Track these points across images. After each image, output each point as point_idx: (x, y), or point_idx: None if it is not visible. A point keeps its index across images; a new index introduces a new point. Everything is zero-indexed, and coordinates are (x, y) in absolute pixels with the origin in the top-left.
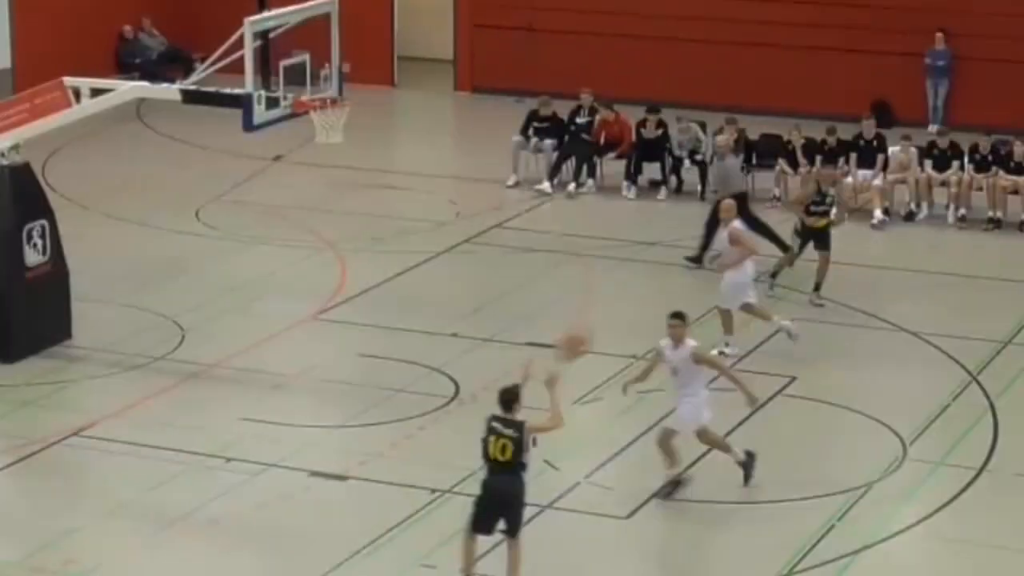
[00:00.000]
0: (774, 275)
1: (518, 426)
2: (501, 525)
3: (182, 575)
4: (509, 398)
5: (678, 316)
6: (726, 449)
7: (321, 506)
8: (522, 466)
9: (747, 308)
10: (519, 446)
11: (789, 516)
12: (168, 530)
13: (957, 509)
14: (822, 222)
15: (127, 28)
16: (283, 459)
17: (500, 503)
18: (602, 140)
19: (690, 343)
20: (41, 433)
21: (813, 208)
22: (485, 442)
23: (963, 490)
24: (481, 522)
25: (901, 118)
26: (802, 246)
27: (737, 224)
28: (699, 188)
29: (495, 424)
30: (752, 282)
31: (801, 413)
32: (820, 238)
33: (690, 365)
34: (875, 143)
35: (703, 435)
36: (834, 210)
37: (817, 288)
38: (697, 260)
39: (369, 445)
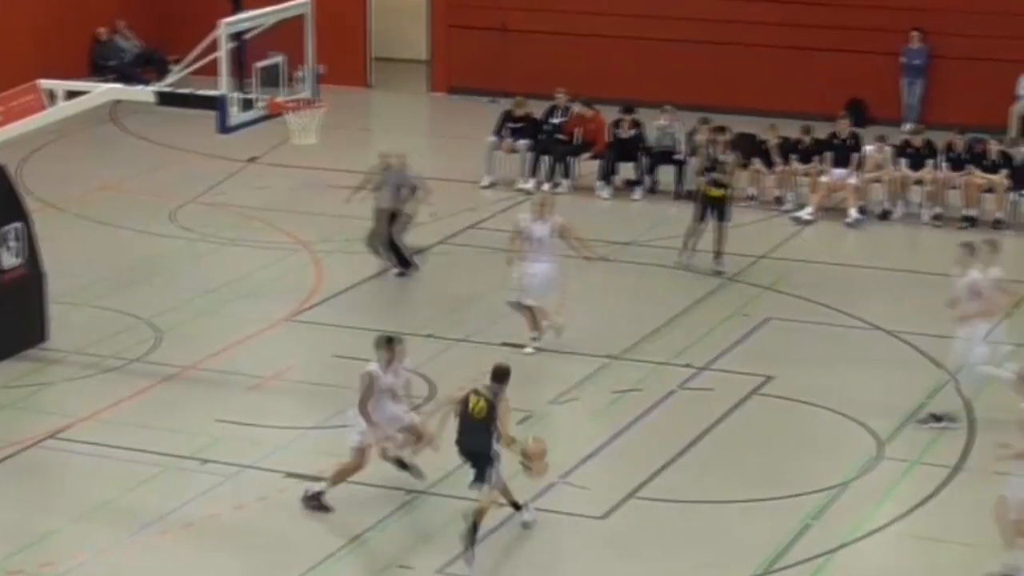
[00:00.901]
0: (686, 245)
1: (496, 393)
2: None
3: None
4: (501, 373)
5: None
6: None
7: (297, 507)
8: (492, 423)
9: (535, 306)
10: (493, 408)
11: (765, 515)
12: (144, 532)
13: (933, 508)
14: (717, 192)
15: (102, 30)
16: (259, 460)
17: (472, 456)
18: (575, 136)
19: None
20: (17, 436)
21: (706, 174)
22: (466, 402)
23: (939, 489)
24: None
25: (876, 117)
26: (701, 215)
27: (560, 218)
28: (673, 188)
29: (480, 388)
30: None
31: (777, 412)
32: (719, 208)
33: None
34: (850, 142)
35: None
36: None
37: (718, 255)
38: (406, 265)
39: (345, 446)
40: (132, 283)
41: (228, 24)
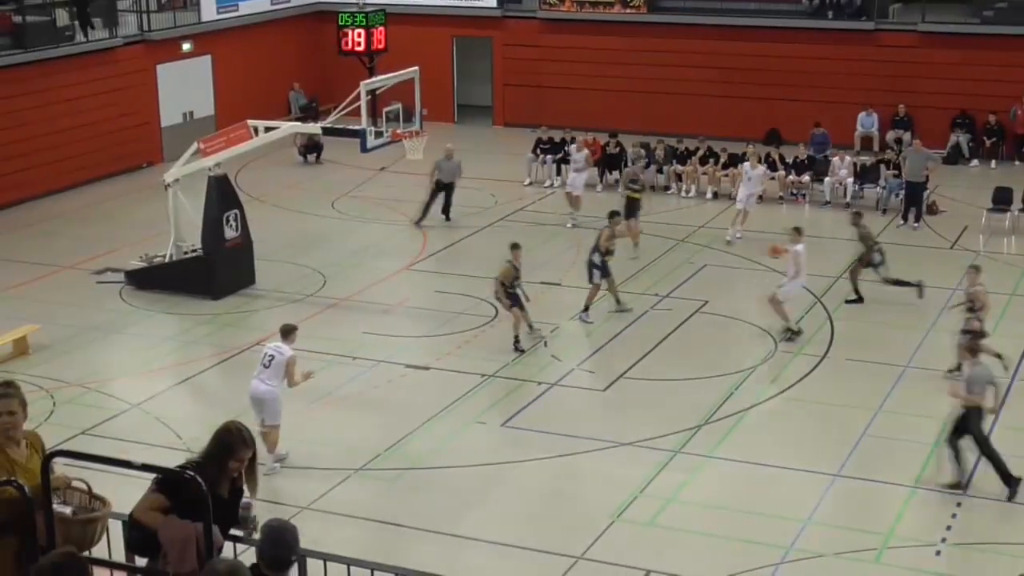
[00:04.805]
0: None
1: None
2: None
3: (329, 434)
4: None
5: None
6: None
7: (413, 387)
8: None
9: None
10: None
11: (704, 387)
12: (318, 403)
13: (808, 383)
14: (636, 195)
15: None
16: (389, 357)
17: None
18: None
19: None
20: (236, 343)
21: (630, 185)
22: None
23: (811, 370)
24: None
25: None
26: (628, 215)
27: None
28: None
29: None
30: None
31: (712, 324)
32: (632, 208)
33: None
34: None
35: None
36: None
37: (636, 245)
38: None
39: (442, 348)
40: (308, 247)
41: (365, 84)
